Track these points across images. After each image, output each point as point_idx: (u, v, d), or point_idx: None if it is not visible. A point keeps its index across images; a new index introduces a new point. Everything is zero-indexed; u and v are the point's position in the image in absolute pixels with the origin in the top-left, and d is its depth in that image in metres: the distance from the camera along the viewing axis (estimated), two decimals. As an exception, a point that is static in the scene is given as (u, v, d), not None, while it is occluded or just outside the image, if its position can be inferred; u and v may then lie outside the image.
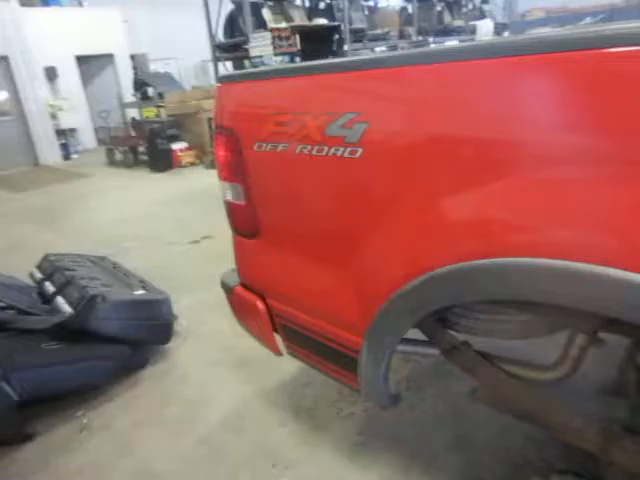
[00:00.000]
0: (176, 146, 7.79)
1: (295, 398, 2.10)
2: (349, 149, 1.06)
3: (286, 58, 4.24)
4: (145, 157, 8.25)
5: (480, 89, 0.87)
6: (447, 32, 12.20)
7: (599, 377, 1.44)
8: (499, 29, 13.75)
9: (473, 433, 1.77)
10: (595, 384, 1.46)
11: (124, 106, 10.71)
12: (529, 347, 1.33)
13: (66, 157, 10.24)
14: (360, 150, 1.04)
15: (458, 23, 12.69)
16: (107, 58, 11.84)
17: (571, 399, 1.32)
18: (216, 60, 8.95)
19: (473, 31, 12.95)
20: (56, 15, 10.67)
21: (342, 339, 1.24)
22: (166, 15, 13.31)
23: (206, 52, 10.18)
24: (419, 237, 0.97)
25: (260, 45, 4.31)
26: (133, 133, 8.76)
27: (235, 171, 1.41)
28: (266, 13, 8.32)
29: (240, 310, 1.62)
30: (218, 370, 2.38)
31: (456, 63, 0.89)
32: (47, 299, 2.57)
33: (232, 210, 1.49)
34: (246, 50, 8.18)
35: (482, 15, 13.71)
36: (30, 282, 2.90)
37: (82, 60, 11.26)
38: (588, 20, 9.08)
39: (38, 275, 2.88)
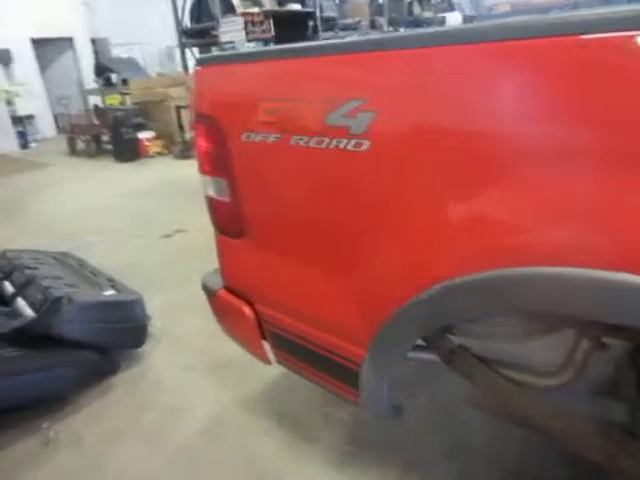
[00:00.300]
0: (142, 135, 7.48)
1: (278, 404, 1.99)
2: (354, 141, 0.95)
3: (259, 44, 4.07)
4: (109, 146, 7.90)
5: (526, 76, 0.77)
6: (417, 23, 12.16)
7: (595, 379, 1.39)
8: (467, 21, 13.83)
9: (468, 439, 1.71)
10: (592, 386, 1.41)
11: (85, 93, 10.24)
12: (527, 351, 1.27)
13: (24, 146, 9.74)
14: (367, 143, 0.93)
15: (427, 15, 12.69)
16: (66, 42, 11.28)
17: (568, 402, 1.27)
18: (183, 46, 8.64)
19: (442, 23, 12.99)
20: (10, -5, 10.07)
21: (341, 350, 1.14)
22: (128, -3, 12.77)
23: (172, 38, 9.82)
24: (436, 242, 0.87)
25: (231, 30, 4.13)
26: (96, 121, 8.37)
27: (218, 164, 1.28)
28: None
29: (224, 315, 1.50)
30: (195, 374, 2.25)
31: (504, 43, 0.77)
32: (5, 300, 2.37)
33: (215, 207, 1.36)
34: (215, 36, 7.92)
35: (451, 7, 13.77)
36: (-15, 282, 2.68)
37: (39, 43, 10.69)
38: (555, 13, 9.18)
39: (-5, 274, 2.66)
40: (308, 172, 1.06)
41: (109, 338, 2.18)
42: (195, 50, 8.71)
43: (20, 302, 2.24)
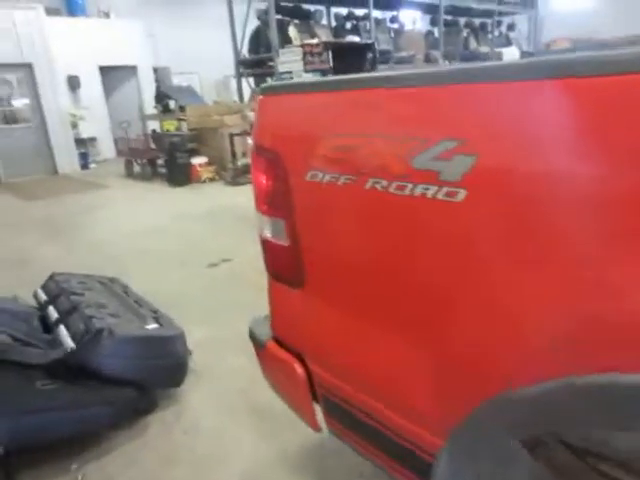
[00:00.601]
0: (196, 160, 7.61)
1: (321, 468, 1.79)
2: (445, 189, 0.78)
3: (317, 75, 4.02)
4: (164, 170, 8.09)
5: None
6: (473, 58, 12.01)
7: None
8: (525, 57, 13.55)
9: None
10: None
11: (145, 118, 10.64)
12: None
13: (84, 166, 10.15)
14: (462, 192, 0.76)
15: (484, 49, 12.53)
16: (130, 69, 11.84)
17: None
18: (240, 76, 8.85)
19: (499, 58, 12.79)
20: (81, 25, 10.71)
21: (409, 433, 0.95)
22: (189, 29, 13.34)
23: (228, 67, 10.11)
24: (558, 318, 0.69)
25: (290, 61, 4.11)
26: (153, 145, 8.63)
27: (278, 203, 1.14)
28: (292, 31, 8.21)
29: (271, 370, 1.34)
30: (234, 419, 2.09)
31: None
32: (49, 327, 2.31)
33: (270, 250, 1.22)
34: (271, 67, 8.06)
35: (508, 42, 13.56)
36: (34, 303, 2.66)
37: (105, 70, 11.26)
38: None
39: (42, 297, 2.63)
40: (386, 221, 0.90)
41: (149, 375, 2.06)
42: (251, 80, 8.90)
43: (62, 330, 2.17)
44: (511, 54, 13.03)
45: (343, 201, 0.98)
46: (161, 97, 8.82)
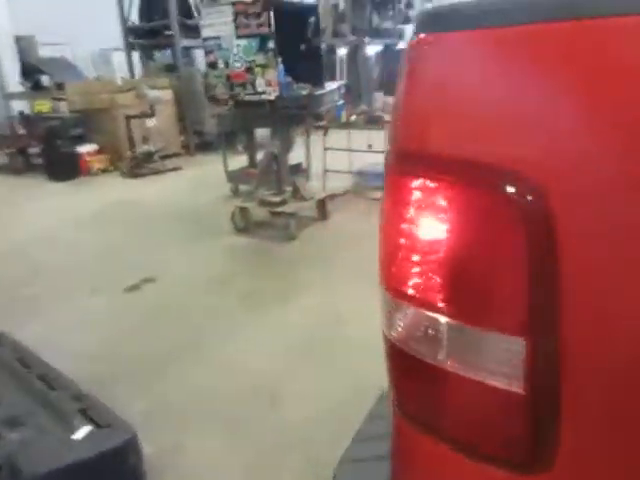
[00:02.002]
0: (83, 149, 6.30)
1: None
2: None
3: (253, 43, 3.22)
4: (40, 161, 6.63)
5: None
6: (378, 34, 11.72)
7: None
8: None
9: None
10: None
11: (7, 97, 8.77)
12: None
13: None
14: None
15: (386, 25, 12.29)
16: (-18, 38, 9.70)
17: None
18: (130, 47, 7.57)
19: (401, 35, 12.67)
20: None
21: None
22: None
23: (110, 37, 8.66)
24: None
25: (217, 23, 3.25)
26: (22, 131, 7.05)
27: (513, 303, 0.46)
28: (192, -5, 7.11)
29: None
30: None
31: None
32: None
33: (454, 399, 0.53)
34: (169, 37, 6.93)
35: (407, 20, 13.50)
36: None
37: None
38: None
39: None
40: None
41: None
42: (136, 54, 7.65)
43: None
44: (411, 32, 12.99)
45: None
46: (30, 71, 7.22)
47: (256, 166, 5.01)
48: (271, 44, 3.16)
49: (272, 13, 3.08)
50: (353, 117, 4.72)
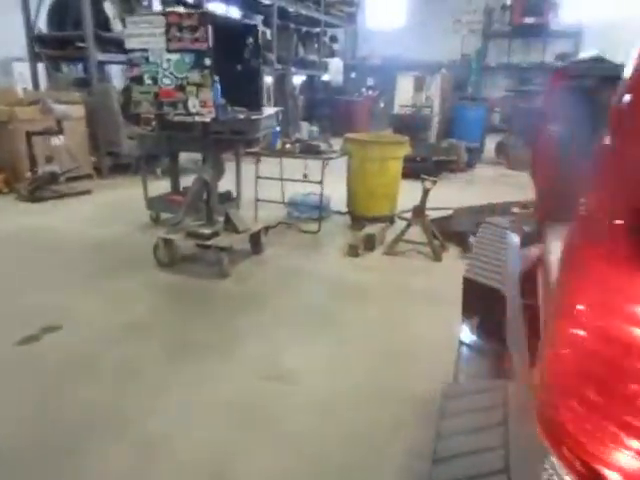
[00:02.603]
0: (-29, 167, 5.44)
1: None
2: None
3: (187, 58, 2.86)
4: None
5: None
6: (304, 65, 11.76)
7: None
8: (348, 68, 13.97)
9: None
10: None
11: None
12: None
13: None
14: None
15: (312, 57, 12.39)
16: None
17: None
18: (35, 57, 6.83)
19: (325, 67, 12.84)
20: None
21: None
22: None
23: (8, 46, 7.81)
24: None
25: (144, 34, 2.86)
26: None
27: None
28: (109, 8, 6.58)
29: None
30: None
31: None
32: None
33: None
34: (80, 48, 6.31)
35: (332, 53, 13.74)
36: None
37: None
38: (444, 70, 9.40)
39: None
40: None
41: None
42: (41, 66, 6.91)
43: None
44: (336, 64, 13.25)
45: None
46: None
47: (180, 192, 4.58)
48: (208, 61, 2.82)
49: (210, 27, 2.75)
50: (288, 145, 4.47)
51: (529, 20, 12.35)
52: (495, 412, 0.92)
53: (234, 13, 8.83)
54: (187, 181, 4.37)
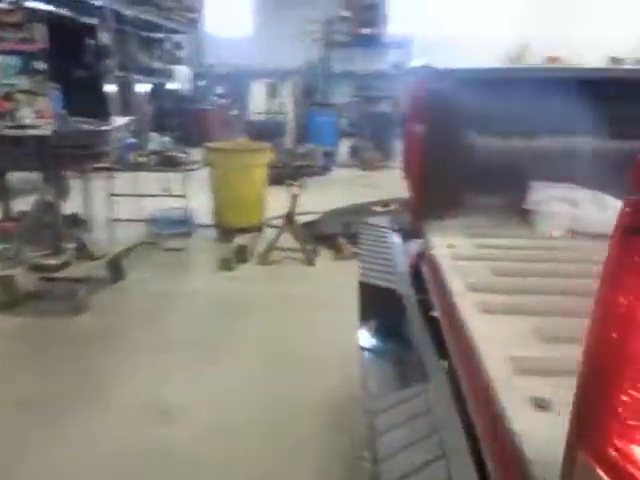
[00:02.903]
0: None
1: None
2: None
3: (12, 62, 2.44)
4: None
5: None
6: (149, 72, 11.10)
7: None
8: (197, 76, 13.58)
9: None
10: None
11: None
12: None
13: None
14: None
15: (156, 65, 11.75)
16: None
17: None
18: None
19: (171, 75, 12.31)
20: None
21: None
22: None
23: None
24: None
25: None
26: None
27: None
28: None
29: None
30: None
31: None
32: None
33: None
34: None
35: (177, 60, 13.20)
36: None
37: None
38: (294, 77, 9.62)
39: None
40: None
41: None
42: None
43: None
44: (183, 72, 12.79)
45: None
46: None
47: (13, 218, 3.94)
48: (40, 65, 2.44)
49: (44, 26, 2.38)
50: (143, 158, 4.13)
51: (366, 31, 13.27)
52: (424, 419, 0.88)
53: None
54: (20, 204, 3.79)
